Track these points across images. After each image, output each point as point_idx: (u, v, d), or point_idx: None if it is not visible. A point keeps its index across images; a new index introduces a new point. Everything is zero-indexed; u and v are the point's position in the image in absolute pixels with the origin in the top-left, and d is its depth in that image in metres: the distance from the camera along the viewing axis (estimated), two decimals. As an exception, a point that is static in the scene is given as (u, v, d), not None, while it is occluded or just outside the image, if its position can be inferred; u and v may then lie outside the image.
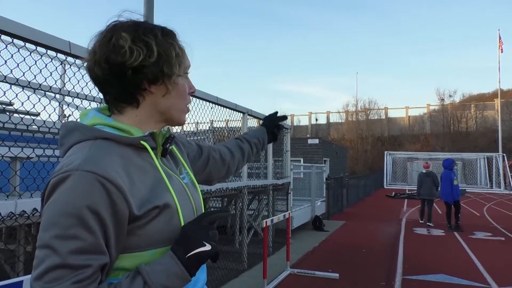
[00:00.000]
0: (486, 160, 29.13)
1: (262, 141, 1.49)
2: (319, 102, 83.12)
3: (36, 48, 2.36)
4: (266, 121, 1.55)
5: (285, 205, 7.85)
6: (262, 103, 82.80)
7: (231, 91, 78.34)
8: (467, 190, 23.63)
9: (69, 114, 5.34)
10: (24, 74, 2.45)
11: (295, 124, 48.26)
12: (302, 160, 18.58)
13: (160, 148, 0.97)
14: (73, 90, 2.97)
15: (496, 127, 32.46)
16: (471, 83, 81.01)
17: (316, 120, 48.90)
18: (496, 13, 66.35)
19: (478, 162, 30.20)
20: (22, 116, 4.17)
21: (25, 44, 2.30)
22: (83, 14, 79.84)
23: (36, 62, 2.49)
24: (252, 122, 6.38)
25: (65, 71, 4.55)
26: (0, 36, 2.18)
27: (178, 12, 77.02)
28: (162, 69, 0.89)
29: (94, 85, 0.94)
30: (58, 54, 2.51)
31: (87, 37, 0.92)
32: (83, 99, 3.12)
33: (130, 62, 0.86)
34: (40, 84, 2.62)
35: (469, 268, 5.71)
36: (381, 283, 4.95)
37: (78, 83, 2.84)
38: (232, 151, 1.38)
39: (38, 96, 2.74)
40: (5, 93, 2.63)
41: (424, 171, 10.50)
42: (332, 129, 46.90)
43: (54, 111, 5.48)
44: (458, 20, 70.43)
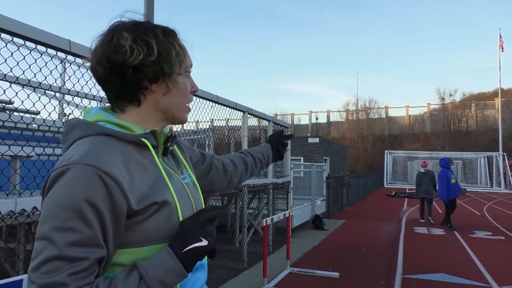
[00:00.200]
0: (487, 159, 29.14)
1: (267, 157, 1.49)
2: (320, 101, 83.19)
3: (36, 47, 2.36)
4: (271, 139, 1.55)
5: (285, 204, 7.85)
6: (263, 102, 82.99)
7: (231, 90, 78.32)
8: (467, 189, 23.64)
9: (69, 113, 5.34)
10: (24, 73, 2.45)
11: (295, 123, 48.24)
12: (302, 159, 18.59)
13: (162, 147, 0.98)
14: (73, 89, 2.96)
15: (497, 126, 32.44)
16: (472, 82, 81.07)
17: (317, 119, 48.92)
18: (497, 12, 66.41)
19: (479, 161, 30.21)
20: (22, 115, 4.16)
21: (25, 43, 2.30)
22: (84, 13, 79.88)
23: (36, 61, 2.48)
24: (252, 121, 6.38)
25: (65, 70, 4.55)
26: (0, 34, 2.18)
27: (178, 11, 77.03)
28: (163, 68, 0.90)
29: (98, 84, 0.96)
30: (58, 53, 2.51)
31: (88, 36, 0.94)
32: (83, 98, 3.11)
33: (131, 61, 0.87)
34: (40, 83, 2.62)
35: (469, 267, 5.71)
36: (381, 282, 4.95)
37: (78, 82, 2.83)
38: (235, 163, 1.38)
39: (38, 95, 2.73)
40: (5, 92, 2.62)
41: (422, 170, 10.64)
42: (333, 128, 46.90)
43: (54, 110, 5.48)
44: (459, 19, 70.45)
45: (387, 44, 74.36)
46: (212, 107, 4.96)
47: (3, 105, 5.54)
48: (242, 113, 5.81)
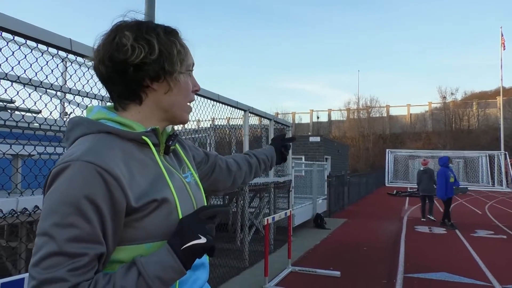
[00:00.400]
0: (488, 158, 29.11)
1: (271, 159, 1.51)
2: (321, 100, 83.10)
3: (37, 46, 2.36)
4: (274, 142, 1.58)
5: (287, 203, 7.85)
6: (264, 101, 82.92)
7: (232, 89, 78.32)
8: (469, 188, 23.61)
9: (70, 112, 5.34)
10: (25, 72, 2.45)
11: (297, 122, 48.21)
12: (304, 158, 18.58)
13: (163, 145, 0.98)
14: (74, 88, 2.96)
15: (498, 125, 32.35)
16: (473, 81, 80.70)
17: (318, 118, 48.87)
18: (499, 11, 66.22)
19: (480, 160, 30.18)
20: (24, 114, 4.16)
21: (26, 41, 2.30)
22: (85, 12, 79.90)
23: (37, 59, 2.48)
24: (254, 120, 6.37)
25: (66, 69, 4.55)
26: (1, 33, 2.18)
27: (179, 10, 76.95)
28: (163, 66, 0.91)
29: (101, 83, 0.97)
30: (59, 52, 2.51)
31: (88, 35, 0.94)
32: (84, 97, 3.11)
33: (132, 59, 0.88)
34: (41, 82, 2.62)
35: (471, 266, 5.71)
36: (383, 281, 4.95)
37: (79, 81, 2.84)
38: (239, 164, 1.38)
39: (39, 94, 2.73)
40: (6, 91, 2.62)
41: (422, 168, 10.81)
42: (334, 127, 46.86)
43: (56, 109, 5.48)
44: (460, 17, 70.25)
45: (388, 43, 74.27)
46: (213, 106, 4.96)
47: (5, 104, 5.54)
48: (243, 112, 5.81)
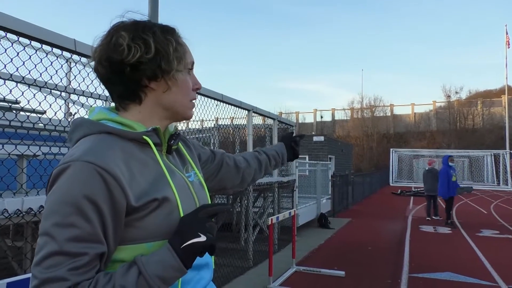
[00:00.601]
0: (493, 157, 28.94)
1: (281, 155, 1.49)
2: (324, 99, 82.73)
3: (42, 46, 2.36)
4: (284, 138, 1.55)
5: (291, 203, 7.84)
6: (267, 101, 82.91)
7: (236, 89, 78.37)
8: (474, 188, 23.48)
9: (75, 112, 5.36)
10: (30, 72, 2.46)
11: (300, 122, 48.14)
12: (307, 158, 18.54)
13: (165, 145, 0.98)
14: (79, 88, 2.97)
15: (503, 124, 32.15)
16: (478, 80, 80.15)
17: (321, 118, 48.78)
18: (503, 8, 65.73)
19: (485, 159, 30.01)
20: (28, 114, 4.19)
21: (31, 42, 2.30)
22: (89, 12, 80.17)
23: (42, 60, 2.49)
24: (257, 120, 6.37)
25: (71, 69, 4.56)
26: (6, 34, 2.19)
27: (182, 10, 77.06)
28: (160, 65, 0.91)
29: (102, 84, 0.97)
30: (64, 52, 2.52)
31: (93, 35, 0.95)
32: (89, 97, 3.12)
33: (128, 59, 0.88)
34: (46, 82, 2.63)
35: (476, 266, 5.67)
36: (387, 281, 4.93)
37: (84, 81, 2.85)
38: (248, 161, 1.37)
39: (44, 94, 2.75)
40: (11, 91, 2.64)
41: (427, 168, 10.92)
42: (337, 127, 46.75)
43: (60, 109, 5.52)
44: (465, 16, 69.84)
45: (392, 42, 74.01)
46: (217, 106, 4.96)
47: (10, 105, 5.57)
48: (247, 112, 5.80)
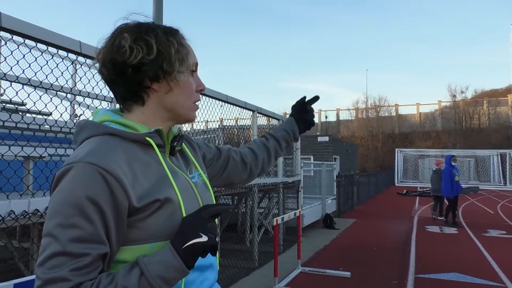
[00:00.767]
0: (499, 157, 28.71)
1: (292, 132, 1.40)
2: (329, 100, 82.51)
3: (48, 48, 2.38)
4: (294, 110, 1.45)
5: (296, 203, 7.83)
6: (272, 101, 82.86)
7: (240, 90, 78.40)
8: (480, 188, 23.33)
9: (80, 114, 5.39)
10: (36, 74, 2.47)
11: (305, 122, 47.92)
12: (312, 158, 18.51)
13: (169, 146, 0.98)
14: (84, 90, 2.99)
15: (510, 123, 31.93)
16: (484, 79, 79.70)
17: (326, 118, 48.67)
18: (508, 7, 65.26)
19: (491, 159, 29.77)
20: (34, 116, 4.21)
21: (37, 44, 2.32)
22: (94, 14, 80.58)
23: (48, 62, 2.51)
24: (262, 120, 6.37)
25: (76, 71, 4.59)
26: (12, 37, 2.20)
27: (186, 10, 77.23)
28: (162, 66, 0.91)
29: (106, 86, 0.98)
30: (69, 54, 2.53)
31: (98, 37, 0.95)
32: (94, 99, 3.14)
33: (130, 61, 0.89)
34: (52, 84, 2.64)
35: (483, 267, 5.63)
36: (393, 282, 4.90)
37: (89, 83, 2.86)
38: (256, 152, 1.33)
39: (50, 96, 2.75)
40: (18, 93, 2.66)
41: (434, 169, 11.04)
42: (342, 127, 46.63)
43: (66, 111, 5.54)
44: (469, 14, 69.42)
45: (397, 41, 73.72)
46: (222, 107, 4.96)
47: (16, 107, 5.61)
48: (252, 112, 5.81)
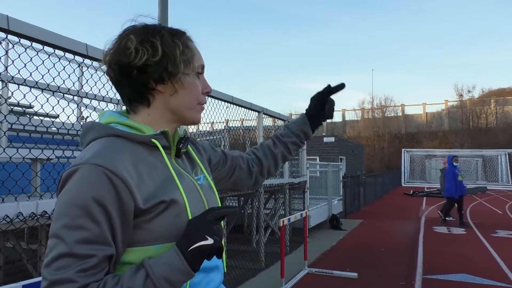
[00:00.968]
0: (507, 157, 28.44)
1: (303, 134, 1.34)
2: (334, 100, 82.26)
3: (54, 51, 2.40)
4: (313, 103, 1.35)
5: (302, 204, 7.81)
6: (277, 102, 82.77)
7: (246, 90, 78.39)
8: (488, 188, 23.13)
9: (87, 116, 5.42)
10: (43, 77, 2.49)
11: (310, 123, 47.83)
12: (318, 159, 18.47)
13: (174, 148, 0.99)
14: (91, 92, 3.00)
15: (518, 123, 31.59)
16: (491, 78, 78.90)
17: (332, 118, 48.44)
18: (516, 6, 64.57)
19: (499, 159, 29.50)
20: (42, 118, 4.24)
21: (44, 47, 2.34)
22: (100, 16, 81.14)
23: (54, 65, 2.52)
24: (268, 121, 6.37)
25: (83, 73, 4.62)
26: (20, 40, 2.22)
27: (191, 11, 77.50)
28: (167, 68, 0.91)
29: (114, 87, 0.98)
30: (76, 57, 2.55)
31: (103, 38, 0.96)
32: (101, 101, 3.15)
33: (135, 62, 0.89)
34: (59, 87, 2.66)
35: (492, 268, 5.58)
36: (401, 283, 4.87)
37: (96, 85, 2.87)
38: (261, 160, 1.31)
39: (57, 98, 2.78)
40: (25, 96, 2.68)
41: (440, 168, 11.37)
42: (348, 127, 46.42)
43: (73, 113, 5.58)
44: (476, 12, 68.85)
45: (402, 41, 73.20)
46: (227, 108, 4.97)
47: (24, 109, 5.66)
48: (257, 113, 5.80)
